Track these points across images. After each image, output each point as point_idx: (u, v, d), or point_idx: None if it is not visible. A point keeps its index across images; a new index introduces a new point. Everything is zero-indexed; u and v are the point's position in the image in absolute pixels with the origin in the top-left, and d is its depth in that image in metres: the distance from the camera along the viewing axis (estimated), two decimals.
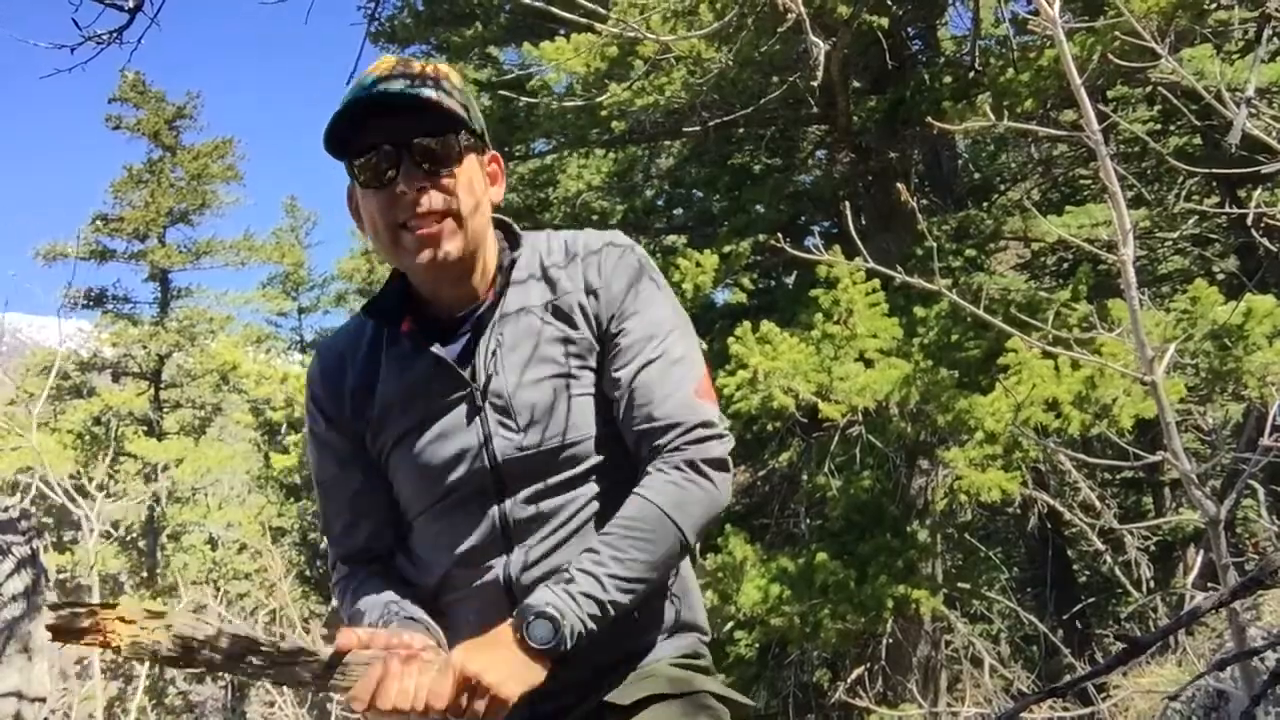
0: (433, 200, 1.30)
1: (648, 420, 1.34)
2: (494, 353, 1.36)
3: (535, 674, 1.22)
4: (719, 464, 1.34)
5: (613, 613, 1.26)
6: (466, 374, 1.36)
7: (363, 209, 1.36)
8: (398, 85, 1.30)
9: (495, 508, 1.37)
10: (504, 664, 1.20)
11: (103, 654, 16.76)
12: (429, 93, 1.30)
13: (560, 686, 1.31)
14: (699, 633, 1.49)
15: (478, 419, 1.36)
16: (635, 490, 1.32)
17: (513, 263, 1.39)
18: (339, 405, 1.43)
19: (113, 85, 18.84)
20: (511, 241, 1.44)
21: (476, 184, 1.35)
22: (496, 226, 1.45)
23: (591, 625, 1.23)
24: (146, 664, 17.57)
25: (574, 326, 1.37)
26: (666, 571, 1.36)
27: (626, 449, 1.39)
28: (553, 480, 1.37)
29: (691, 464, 1.32)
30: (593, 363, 1.38)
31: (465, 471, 1.37)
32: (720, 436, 1.35)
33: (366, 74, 1.34)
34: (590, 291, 1.38)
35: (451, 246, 1.31)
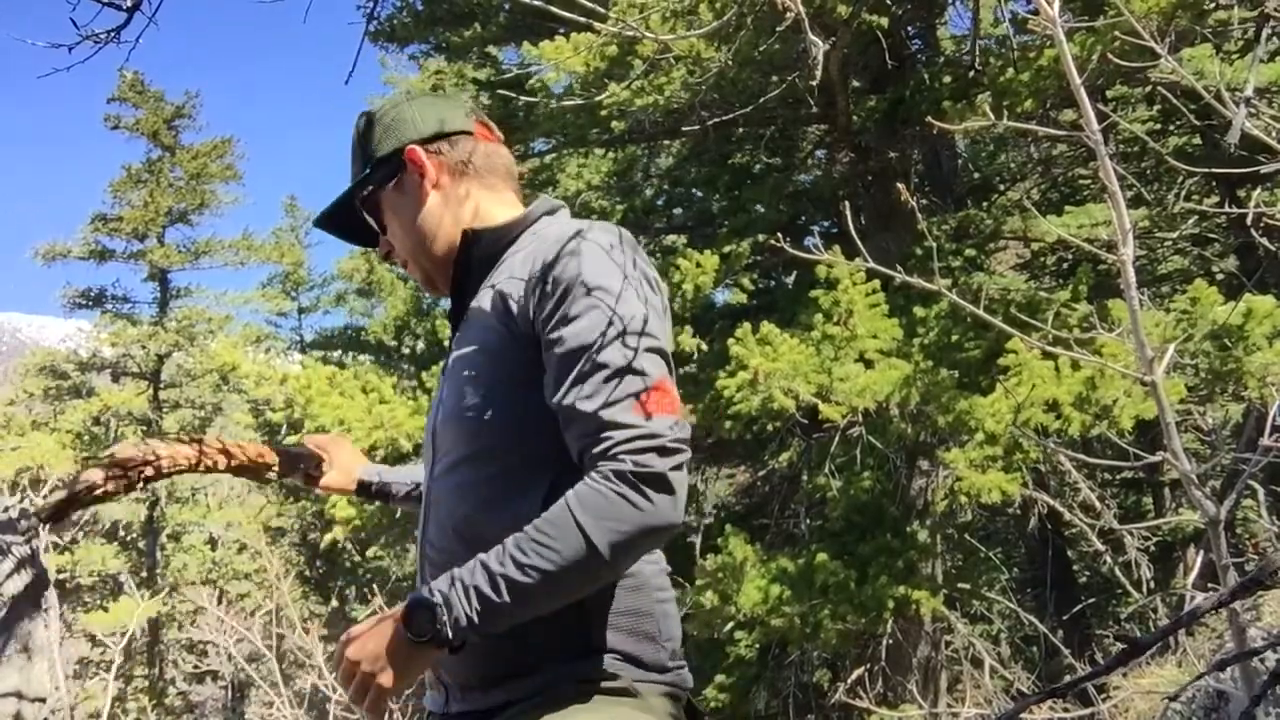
0: (391, 253, 1.51)
1: (583, 433, 1.21)
2: (462, 324, 1.44)
3: (416, 663, 1.21)
4: (655, 480, 1.16)
5: (505, 616, 1.17)
6: (452, 328, 1.49)
7: None
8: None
9: (428, 470, 1.43)
10: (383, 652, 1.19)
11: (102, 655, 16.75)
12: (352, 172, 1.51)
13: (454, 684, 1.35)
14: (616, 654, 1.29)
15: (441, 384, 1.46)
16: (559, 504, 1.20)
17: (507, 241, 1.43)
18: None
19: (112, 85, 18.84)
20: (505, 226, 1.45)
21: (403, 217, 1.46)
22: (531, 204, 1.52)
23: (478, 623, 1.15)
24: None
25: (508, 314, 1.33)
26: (576, 588, 1.20)
27: (547, 448, 1.28)
28: (455, 456, 1.36)
29: (622, 475, 1.16)
30: (518, 354, 1.31)
31: (426, 432, 1.47)
32: (664, 450, 1.17)
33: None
34: (530, 285, 1.31)
35: (418, 276, 1.51)
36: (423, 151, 1.45)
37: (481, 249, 1.42)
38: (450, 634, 1.16)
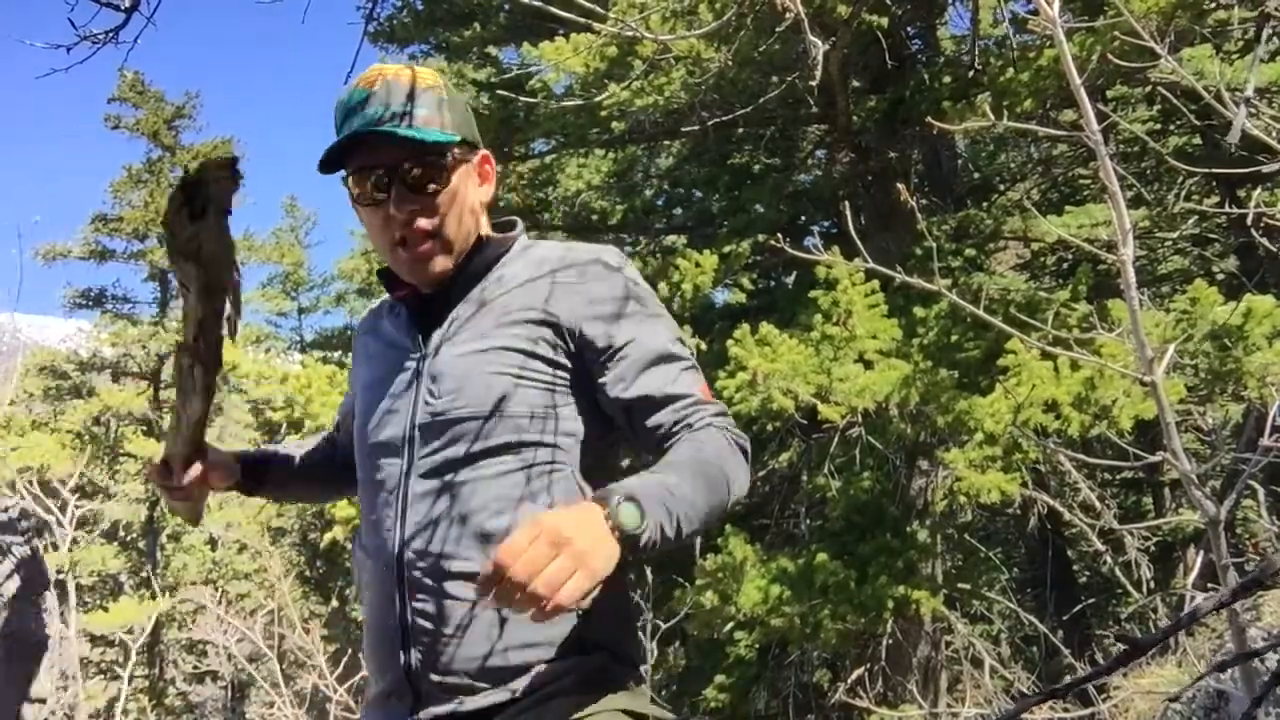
0: (421, 223, 1.39)
1: (678, 409, 1.35)
2: (453, 324, 1.43)
3: (614, 558, 1.07)
4: (744, 442, 1.37)
5: (667, 540, 1.14)
6: (423, 340, 1.44)
7: (360, 217, 1.46)
8: (383, 112, 1.37)
9: (399, 470, 1.39)
10: (599, 533, 1.07)
11: (103, 654, 16.70)
12: (418, 115, 1.38)
13: (438, 686, 1.29)
14: (609, 652, 1.34)
15: (415, 383, 1.42)
16: (689, 439, 1.32)
17: (502, 252, 1.47)
18: (355, 352, 1.63)
19: (112, 85, 18.84)
20: (504, 238, 1.51)
21: (464, 196, 1.43)
22: (499, 227, 1.54)
23: (658, 542, 1.12)
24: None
25: (544, 327, 1.39)
26: (704, 531, 1.29)
27: (550, 446, 1.36)
28: (452, 452, 1.35)
29: (727, 433, 1.35)
30: (551, 354, 1.39)
31: (388, 431, 1.42)
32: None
33: (354, 90, 1.40)
34: (565, 304, 1.40)
35: (439, 266, 1.42)
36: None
37: (485, 256, 1.47)
38: (653, 535, 1.11)
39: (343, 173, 1.41)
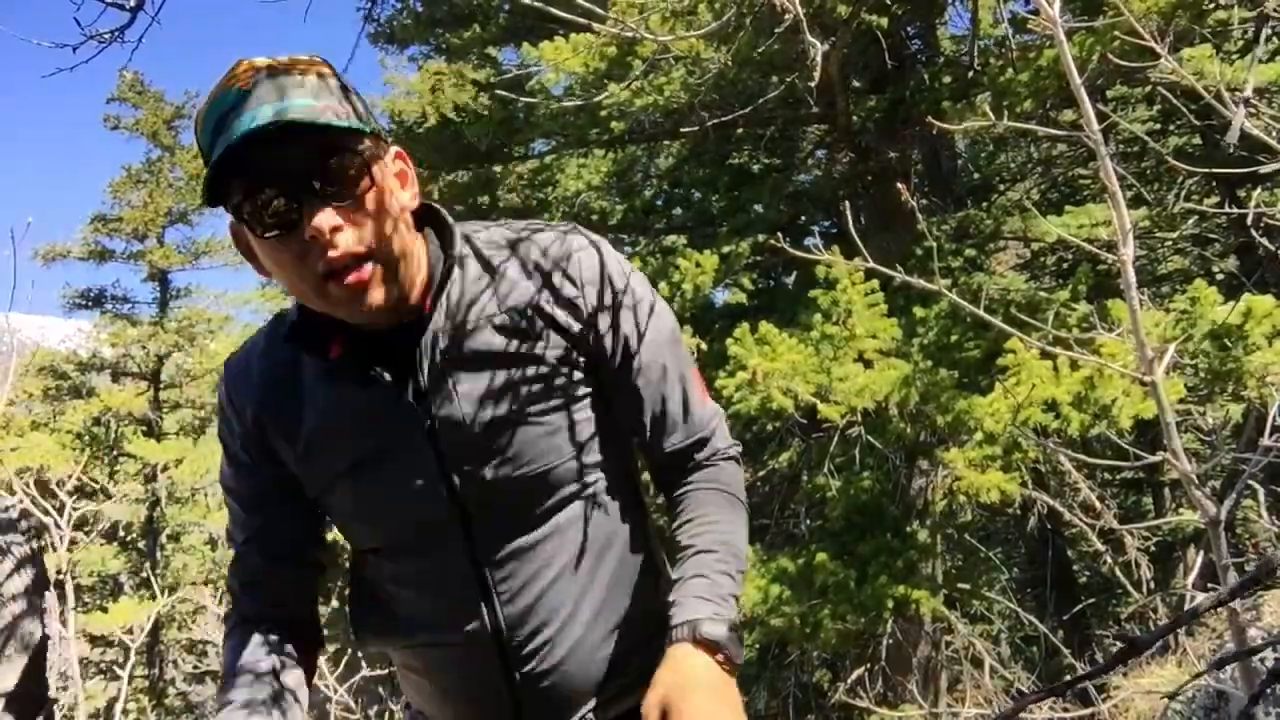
0: (349, 240, 1.09)
1: (690, 433, 1.31)
2: (442, 373, 1.19)
3: (737, 701, 1.11)
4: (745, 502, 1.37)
5: None
6: (411, 397, 1.19)
7: (264, 257, 1.13)
8: (269, 110, 1.05)
9: (462, 546, 1.23)
10: (731, 701, 1.09)
11: (103, 654, 16.72)
12: (315, 105, 1.08)
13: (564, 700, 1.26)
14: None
15: (429, 451, 1.20)
16: (707, 491, 1.29)
17: (450, 267, 1.21)
18: (256, 432, 1.26)
19: (111, 85, 18.84)
20: (443, 236, 1.25)
21: (390, 200, 1.14)
22: (424, 221, 1.26)
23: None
24: (144, 665, 17.45)
25: (539, 338, 1.21)
26: None
27: (607, 465, 1.29)
28: (525, 514, 1.23)
29: (736, 460, 1.34)
30: (567, 378, 1.23)
31: (420, 514, 1.22)
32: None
33: (221, 94, 1.08)
34: (563, 301, 1.22)
35: (380, 292, 1.12)
36: None
37: (433, 266, 1.23)
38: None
39: (233, 203, 1.10)
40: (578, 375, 1.24)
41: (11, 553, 4.77)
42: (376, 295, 1.12)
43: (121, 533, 18.73)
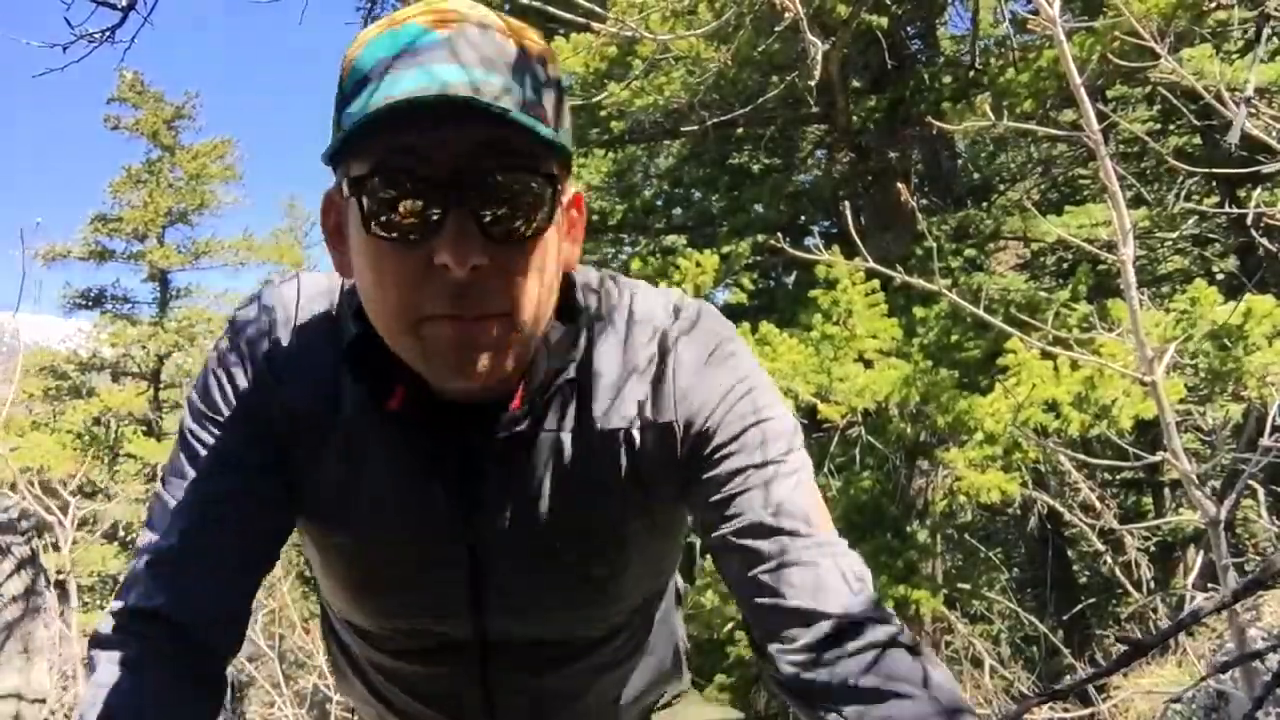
0: (488, 294, 0.80)
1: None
2: (507, 488, 0.94)
3: None
4: None
5: None
6: (461, 504, 0.94)
7: (359, 253, 0.84)
8: (466, 76, 0.77)
9: (476, 669, 1.06)
10: None
11: None
12: (527, 95, 0.80)
13: None
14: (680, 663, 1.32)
15: (468, 573, 0.98)
16: None
17: (563, 367, 0.91)
18: (270, 440, 0.95)
19: (111, 86, 18.85)
20: (567, 310, 0.93)
21: (553, 255, 0.86)
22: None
23: None
24: None
25: (647, 485, 0.95)
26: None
27: (656, 602, 1.15)
28: (556, 652, 1.07)
29: None
30: (659, 518, 1.00)
31: (440, 624, 1.03)
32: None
33: (408, 25, 0.80)
34: (686, 440, 0.93)
35: (490, 364, 0.83)
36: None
37: (558, 355, 0.93)
38: None
39: (355, 174, 0.80)
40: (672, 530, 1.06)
41: (11, 553, 4.77)
42: (483, 364, 0.82)
43: (121, 533, 18.73)
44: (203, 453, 0.95)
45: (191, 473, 0.94)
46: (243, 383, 0.95)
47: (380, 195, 0.79)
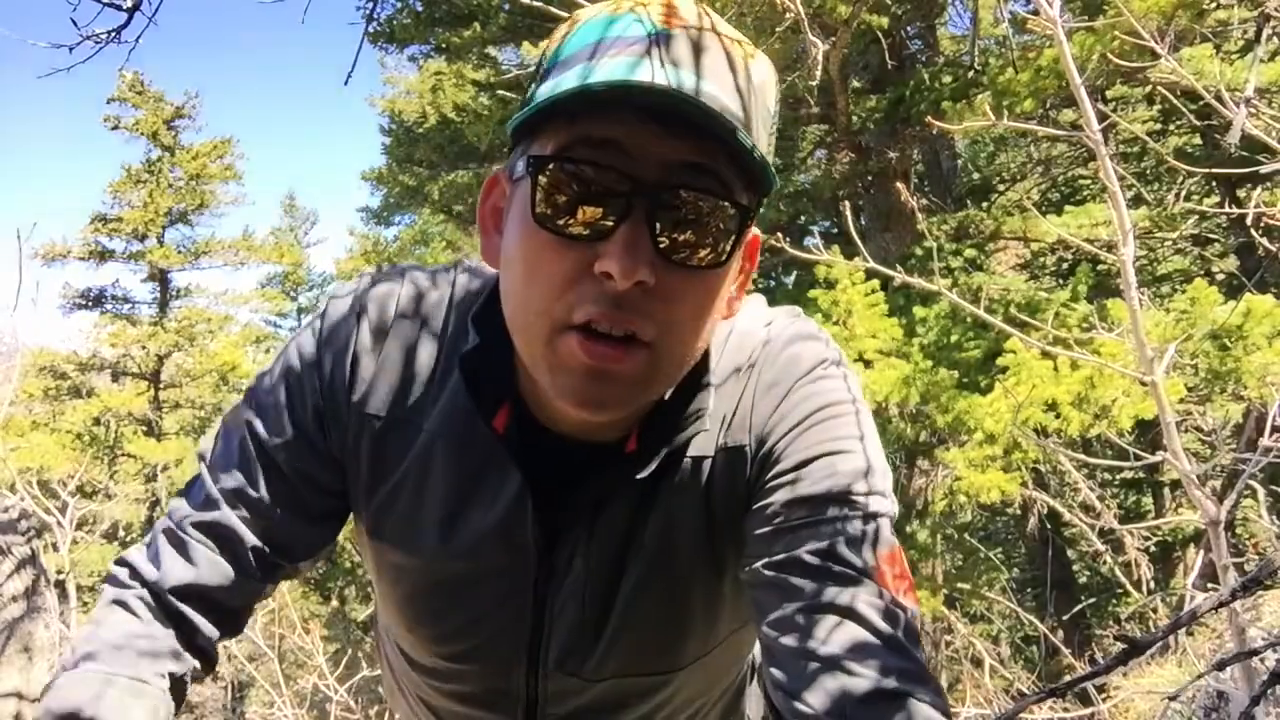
0: (642, 316, 0.73)
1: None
2: (594, 536, 0.87)
3: None
4: None
5: None
6: (538, 550, 0.88)
7: (518, 241, 0.76)
8: (694, 82, 0.71)
9: (522, 708, 0.99)
10: None
11: None
12: (745, 119, 0.74)
13: None
14: None
15: (530, 615, 0.91)
16: None
17: (688, 418, 0.83)
18: (341, 424, 0.89)
19: (111, 86, 18.86)
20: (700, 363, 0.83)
21: (721, 298, 0.79)
22: None
23: None
24: None
25: (720, 523, 0.88)
26: None
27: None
28: (610, 711, 1.00)
29: None
30: (730, 569, 0.90)
31: (487, 675, 0.97)
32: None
33: (634, 12, 0.75)
34: (754, 465, 0.85)
35: (622, 403, 0.77)
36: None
37: (687, 405, 0.85)
38: None
39: (537, 152, 0.73)
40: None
41: (11, 553, 4.77)
42: (612, 397, 0.75)
43: (121, 533, 18.74)
44: (255, 445, 0.90)
45: (239, 463, 0.91)
46: (315, 380, 0.89)
47: (561, 181, 0.72)
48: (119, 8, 1.38)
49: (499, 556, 0.88)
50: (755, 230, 0.84)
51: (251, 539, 0.91)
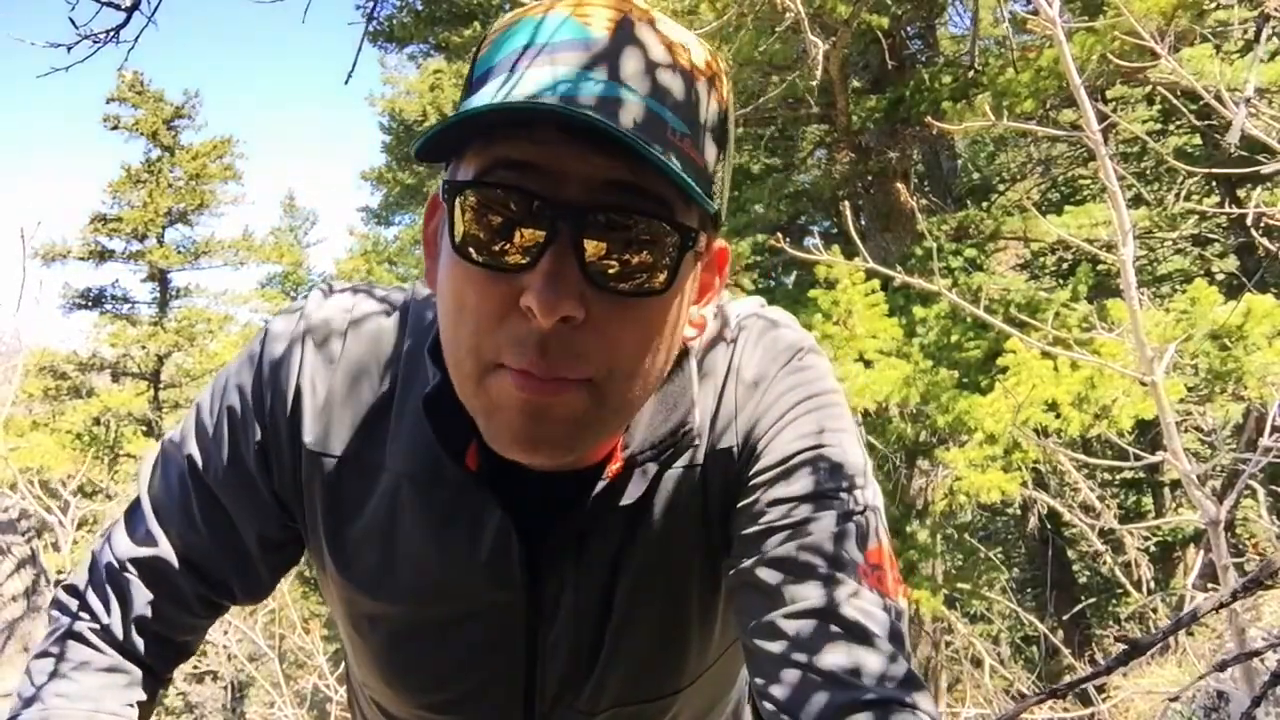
0: (575, 355, 0.67)
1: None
2: (588, 575, 0.83)
3: None
4: None
5: None
6: (525, 585, 0.83)
7: (447, 271, 0.71)
8: (611, 91, 0.65)
9: None
10: None
11: None
12: (679, 137, 0.67)
13: None
14: None
15: (523, 651, 0.87)
16: None
17: (673, 431, 0.79)
18: (292, 461, 0.83)
19: (110, 86, 18.87)
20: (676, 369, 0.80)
21: (671, 321, 0.72)
22: None
23: None
24: None
25: (713, 531, 0.84)
26: None
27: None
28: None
29: None
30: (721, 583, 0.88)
31: (482, 713, 0.91)
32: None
33: (553, 13, 0.69)
34: (741, 463, 0.82)
35: (565, 444, 0.71)
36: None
37: (664, 428, 0.82)
38: None
39: (461, 178, 0.68)
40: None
41: (11, 553, 4.77)
42: (551, 438, 0.70)
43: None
44: (210, 450, 0.86)
45: (179, 498, 0.87)
46: (256, 416, 0.83)
47: (479, 208, 0.66)
48: (117, 7, 1.37)
49: (485, 596, 0.84)
50: (721, 242, 0.78)
51: (191, 581, 0.88)
